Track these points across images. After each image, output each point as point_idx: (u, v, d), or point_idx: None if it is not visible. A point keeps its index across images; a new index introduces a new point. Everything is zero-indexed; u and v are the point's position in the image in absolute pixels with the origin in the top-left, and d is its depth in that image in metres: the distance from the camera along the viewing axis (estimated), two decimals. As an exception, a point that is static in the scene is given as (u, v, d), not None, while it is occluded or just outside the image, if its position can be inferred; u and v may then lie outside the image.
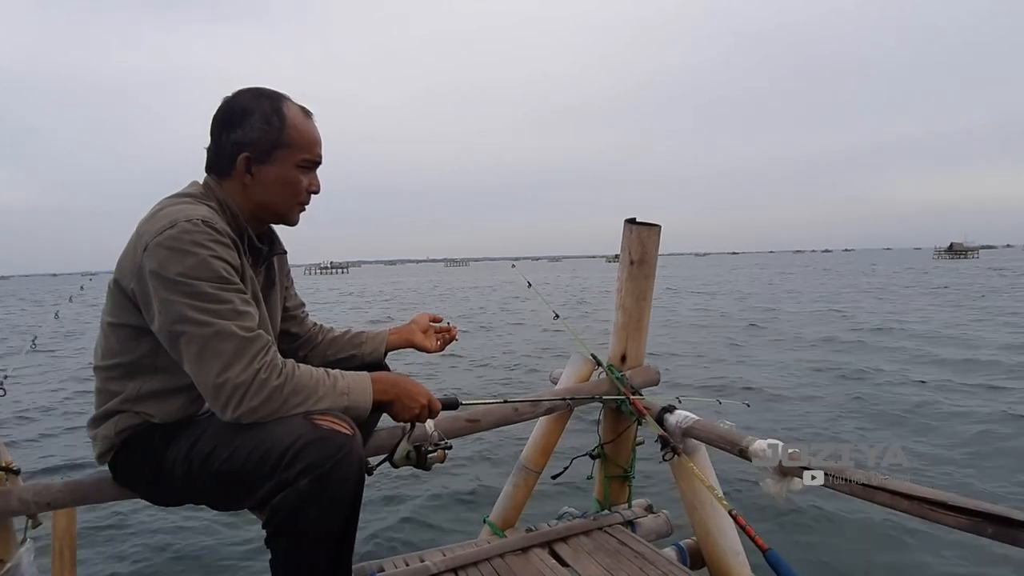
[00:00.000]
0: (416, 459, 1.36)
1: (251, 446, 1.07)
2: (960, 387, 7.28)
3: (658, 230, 2.15)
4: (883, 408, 6.35)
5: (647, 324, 2.22)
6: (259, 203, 1.25)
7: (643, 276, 2.16)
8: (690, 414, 1.88)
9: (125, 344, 1.18)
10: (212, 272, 1.07)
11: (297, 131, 1.23)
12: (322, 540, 1.08)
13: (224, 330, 1.06)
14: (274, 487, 1.05)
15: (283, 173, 1.23)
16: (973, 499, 1.16)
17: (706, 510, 1.91)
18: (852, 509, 3.57)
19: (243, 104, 1.21)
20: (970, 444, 5.12)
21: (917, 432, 5.51)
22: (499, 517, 2.25)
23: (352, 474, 1.08)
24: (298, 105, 1.26)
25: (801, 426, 5.74)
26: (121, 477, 1.28)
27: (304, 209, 1.32)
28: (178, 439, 1.17)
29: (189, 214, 1.10)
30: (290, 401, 1.09)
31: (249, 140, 1.21)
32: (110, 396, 1.21)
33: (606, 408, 2.21)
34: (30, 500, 1.37)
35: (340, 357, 1.55)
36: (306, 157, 1.25)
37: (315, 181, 1.29)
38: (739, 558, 1.88)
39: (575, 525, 2.04)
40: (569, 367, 2.32)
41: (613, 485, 2.24)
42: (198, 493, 1.20)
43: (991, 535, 1.11)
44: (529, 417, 2.04)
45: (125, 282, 1.14)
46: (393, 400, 1.24)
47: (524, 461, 2.27)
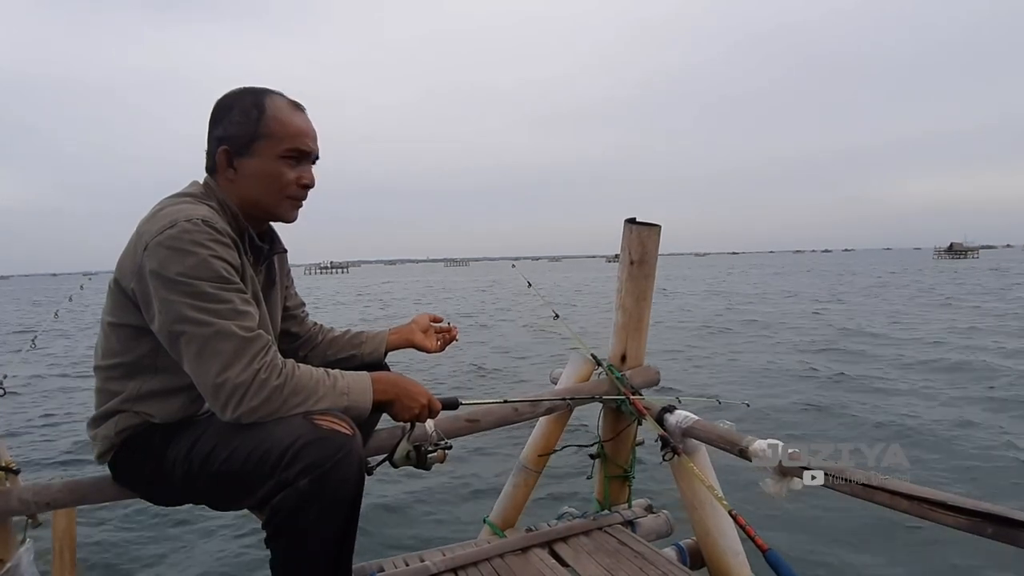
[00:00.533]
0: (416, 459, 1.35)
1: (251, 446, 1.07)
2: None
3: (658, 230, 2.15)
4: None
5: (647, 324, 2.23)
6: (245, 198, 1.23)
7: (643, 276, 2.16)
8: (690, 414, 1.88)
9: (125, 344, 1.18)
10: (212, 272, 1.07)
11: (277, 122, 1.20)
12: (322, 540, 1.08)
13: (224, 330, 1.06)
14: (274, 487, 1.05)
15: (263, 165, 1.21)
16: (973, 499, 1.16)
17: (706, 510, 1.91)
18: (852, 509, 3.58)
19: (227, 101, 1.22)
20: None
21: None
22: (499, 517, 2.25)
23: (352, 474, 1.07)
24: (286, 98, 1.24)
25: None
26: (121, 477, 1.28)
27: (298, 204, 1.28)
28: (178, 439, 1.17)
29: (189, 214, 1.10)
30: (290, 401, 1.09)
31: (228, 134, 1.21)
32: (110, 396, 1.21)
33: (606, 408, 2.21)
34: (30, 500, 1.37)
35: (340, 357, 1.55)
36: (288, 147, 1.21)
37: (305, 174, 1.25)
38: (739, 558, 1.88)
39: (575, 525, 2.04)
40: (569, 367, 2.32)
41: (613, 485, 2.24)
42: (198, 493, 1.20)
43: (991, 535, 1.10)
44: (529, 417, 2.04)
45: (125, 282, 1.13)
46: (393, 400, 1.24)
47: (524, 461, 2.26)
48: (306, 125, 1.25)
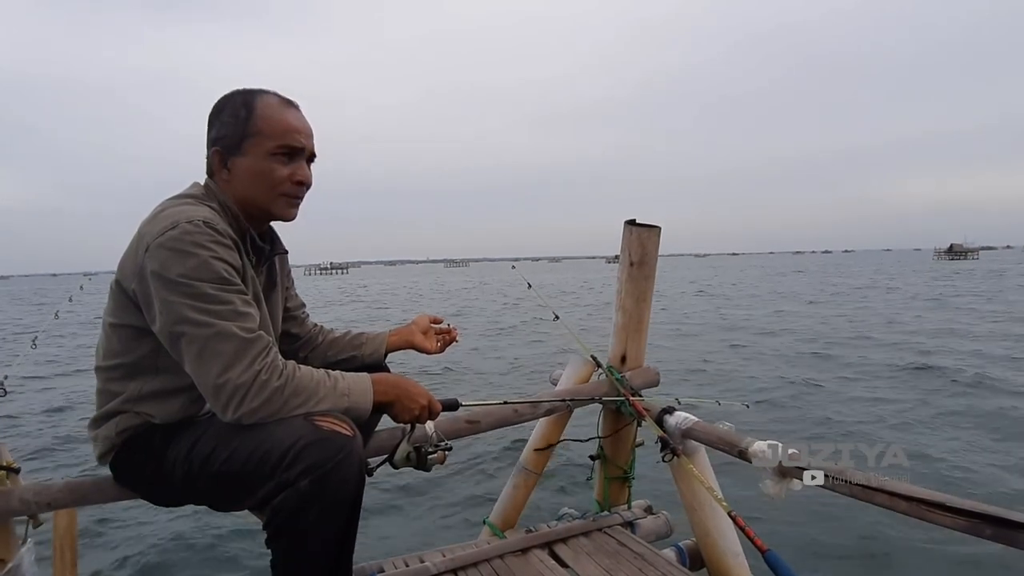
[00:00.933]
0: (416, 460, 1.36)
1: (251, 447, 1.07)
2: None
3: (658, 231, 2.16)
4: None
5: (647, 325, 2.23)
6: (241, 197, 1.23)
7: (643, 277, 2.17)
8: (689, 415, 1.88)
9: (126, 345, 1.18)
10: (213, 273, 1.08)
11: (266, 120, 1.21)
12: (322, 541, 1.08)
13: (225, 331, 1.06)
14: (274, 488, 1.05)
15: (255, 163, 1.21)
16: (971, 500, 1.16)
17: (705, 511, 1.92)
18: (851, 510, 3.58)
19: (220, 103, 1.23)
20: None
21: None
22: (499, 518, 2.26)
23: (352, 475, 1.08)
24: (278, 96, 1.25)
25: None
26: (122, 477, 1.28)
27: (294, 202, 1.27)
28: (179, 440, 1.17)
29: (191, 215, 1.10)
30: (291, 402, 1.09)
31: (220, 135, 1.22)
32: (111, 397, 1.21)
33: (606, 409, 2.21)
34: (31, 500, 1.38)
35: (340, 358, 1.56)
36: (278, 144, 1.21)
37: (299, 171, 1.25)
38: (738, 559, 1.88)
39: (575, 526, 2.04)
40: (569, 368, 2.32)
41: (613, 486, 2.24)
42: (198, 494, 1.20)
43: (989, 536, 1.11)
44: (529, 418, 2.04)
45: (127, 283, 1.14)
46: (393, 401, 1.24)
47: (524, 462, 2.27)
48: (297, 122, 1.25)
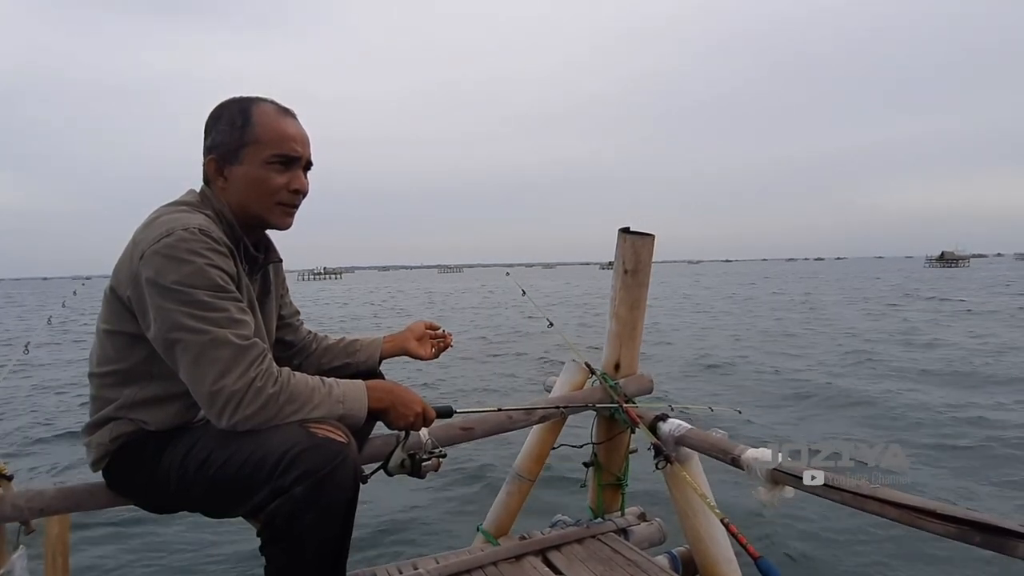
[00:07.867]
0: (411, 467, 1.36)
1: (246, 453, 1.07)
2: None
3: (652, 239, 2.17)
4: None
5: (641, 333, 2.24)
6: (237, 205, 1.23)
7: (637, 285, 2.18)
8: (683, 423, 1.89)
9: (121, 351, 1.18)
10: (208, 280, 1.08)
11: (263, 128, 1.21)
12: (317, 548, 1.08)
13: (220, 338, 1.06)
14: (269, 494, 1.05)
15: (251, 171, 1.21)
16: (961, 507, 1.18)
17: (699, 518, 1.92)
18: (843, 517, 3.59)
19: (216, 111, 1.24)
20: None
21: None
22: (492, 525, 2.25)
23: (347, 482, 1.08)
24: (275, 104, 1.25)
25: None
26: (115, 484, 1.28)
27: (290, 211, 1.27)
28: (173, 446, 1.17)
29: (186, 222, 1.11)
30: (285, 409, 1.09)
31: (216, 143, 1.22)
32: (105, 403, 1.21)
33: (599, 416, 2.22)
34: (23, 506, 1.37)
35: (335, 365, 1.56)
36: (275, 152, 1.21)
37: (296, 180, 1.24)
38: (731, 566, 1.88)
39: (568, 533, 2.04)
40: (563, 375, 2.33)
41: (606, 493, 2.24)
42: (193, 500, 1.19)
43: (979, 543, 1.12)
44: (523, 425, 2.04)
45: (121, 289, 1.14)
46: (388, 408, 1.25)
47: (518, 469, 2.27)
48: (294, 130, 1.25)
